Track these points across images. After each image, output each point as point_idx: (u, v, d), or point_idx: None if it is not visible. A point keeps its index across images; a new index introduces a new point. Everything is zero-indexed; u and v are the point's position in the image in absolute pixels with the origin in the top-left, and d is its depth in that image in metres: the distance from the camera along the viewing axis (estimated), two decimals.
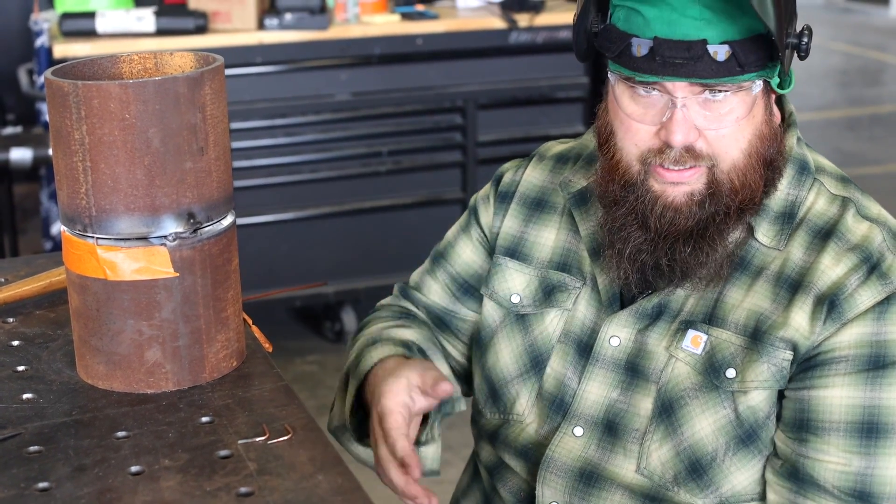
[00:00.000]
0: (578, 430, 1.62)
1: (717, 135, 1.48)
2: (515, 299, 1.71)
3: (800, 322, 1.50)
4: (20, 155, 4.14)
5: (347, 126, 4.53)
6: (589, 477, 1.61)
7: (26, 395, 1.49)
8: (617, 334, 1.60)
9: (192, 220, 1.46)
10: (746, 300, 1.54)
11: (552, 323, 1.67)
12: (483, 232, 1.78)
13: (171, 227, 1.45)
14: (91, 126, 1.41)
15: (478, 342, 1.75)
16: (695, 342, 1.55)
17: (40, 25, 4.64)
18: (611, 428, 1.60)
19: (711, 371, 1.54)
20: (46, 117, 1.39)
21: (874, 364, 1.47)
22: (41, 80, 4.49)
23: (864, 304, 1.48)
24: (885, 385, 1.48)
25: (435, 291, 1.81)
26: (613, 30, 1.51)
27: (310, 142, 4.48)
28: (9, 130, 4.41)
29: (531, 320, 1.69)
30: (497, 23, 4.59)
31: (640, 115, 1.51)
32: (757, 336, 1.52)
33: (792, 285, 1.52)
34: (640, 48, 1.46)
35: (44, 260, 1.96)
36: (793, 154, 1.58)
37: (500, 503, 1.74)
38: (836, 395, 1.48)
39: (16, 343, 1.65)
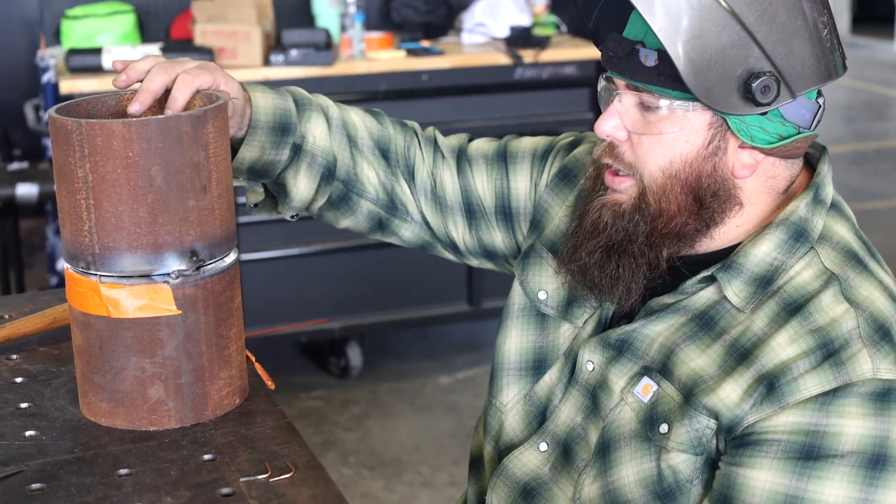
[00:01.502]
0: (543, 446, 1.62)
1: (638, 139, 1.50)
2: (542, 296, 1.69)
3: (728, 392, 1.44)
4: (26, 190, 4.15)
5: None
6: (529, 494, 1.61)
7: (29, 433, 1.49)
8: (591, 359, 1.59)
9: (194, 258, 1.46)
10: (697, 360, 1.48)
11: (563, 335, 1.66)
12: (538, 178, 1.77)
13: (174, 264, 1.45)
14: (94, 164, 1.41)
15: (501, 318, 1.74)
16: (645, 390, 1.52)
17: (47, 61, 4.66)
18: (567, 452, 1.60)
19: (649, 422, 1.50)
20: None
21: (806, 454, 1.39)
22: (47, 116, 4.50)
23: (807, 392, 1.39)
24: (812, 478, 1.38)
25: (480, 169, 1.80)
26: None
27: None
28: (15, 166, 4.42)
29: (549, 323, 1.68)
30: (502, 59, 4.61)
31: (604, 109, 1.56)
32: (688, 398, 1.47)
33: (741, 355, 1.45)
34: (609, 40, 1.53)
35: (47, 296, 1.97)
36: (792, 218, 1.49)
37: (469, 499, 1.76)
38: (761, 479, 1.40)
39: (19, 380, 1.65)
